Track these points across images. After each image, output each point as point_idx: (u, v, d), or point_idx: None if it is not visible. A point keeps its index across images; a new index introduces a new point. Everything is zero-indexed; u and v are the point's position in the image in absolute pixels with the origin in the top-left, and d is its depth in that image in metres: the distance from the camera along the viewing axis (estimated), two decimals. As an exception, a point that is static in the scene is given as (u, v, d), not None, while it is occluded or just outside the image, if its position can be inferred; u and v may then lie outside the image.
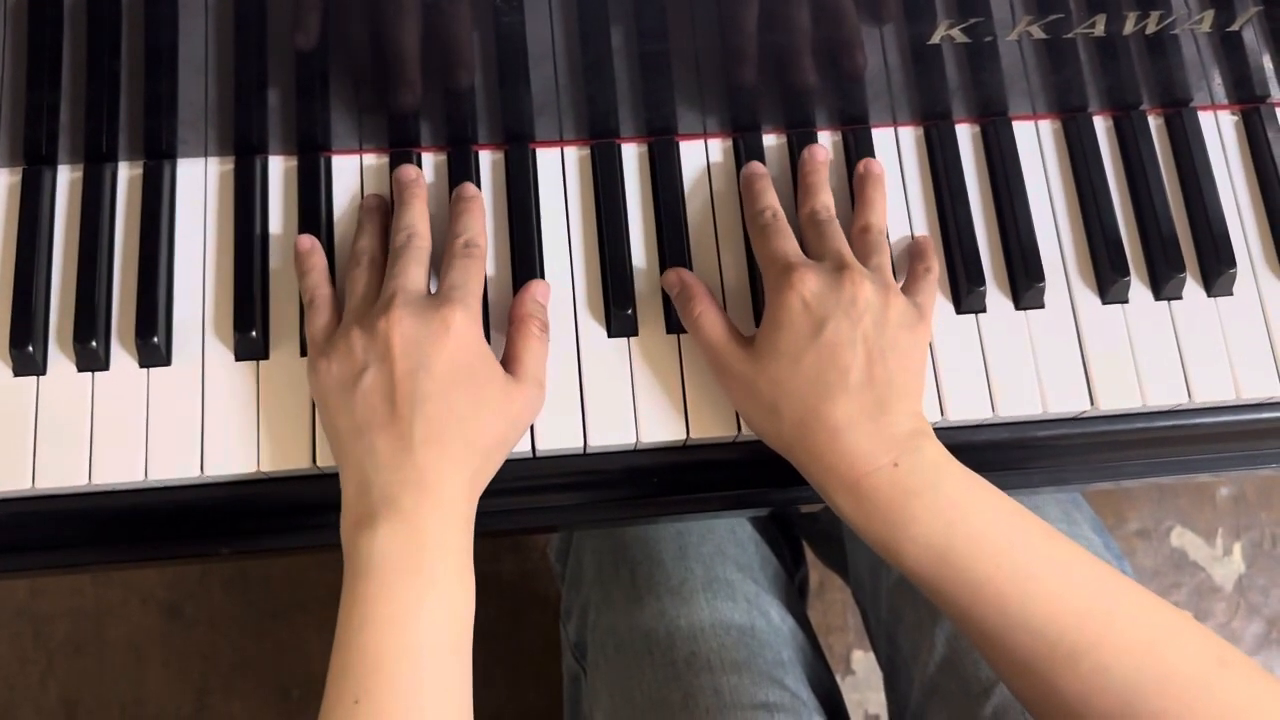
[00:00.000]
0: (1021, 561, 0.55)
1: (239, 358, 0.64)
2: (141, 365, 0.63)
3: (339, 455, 0.58)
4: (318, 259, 0.64)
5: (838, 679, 1.39)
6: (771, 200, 0.66)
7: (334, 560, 0.57)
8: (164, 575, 1.39)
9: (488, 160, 0.68)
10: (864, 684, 1.41)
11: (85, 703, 1.36)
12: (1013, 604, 0.54)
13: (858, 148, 0.69)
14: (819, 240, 0.63)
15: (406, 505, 0.54)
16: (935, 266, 0.65)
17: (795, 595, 0.86)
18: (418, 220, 0.63)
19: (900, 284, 0.65)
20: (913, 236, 0.68)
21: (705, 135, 0.69)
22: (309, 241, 0.65)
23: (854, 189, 0.68)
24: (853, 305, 0.59)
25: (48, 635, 1.38)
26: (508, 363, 0.61)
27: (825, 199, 0.66)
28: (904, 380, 0.59)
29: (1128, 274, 0.67)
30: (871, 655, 1.35)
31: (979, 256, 0.67)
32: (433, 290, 0.63)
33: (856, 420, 0.57)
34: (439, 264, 0.63)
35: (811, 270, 0.60)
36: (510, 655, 1.36)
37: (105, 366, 0.63)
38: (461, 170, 0.67)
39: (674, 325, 0.65)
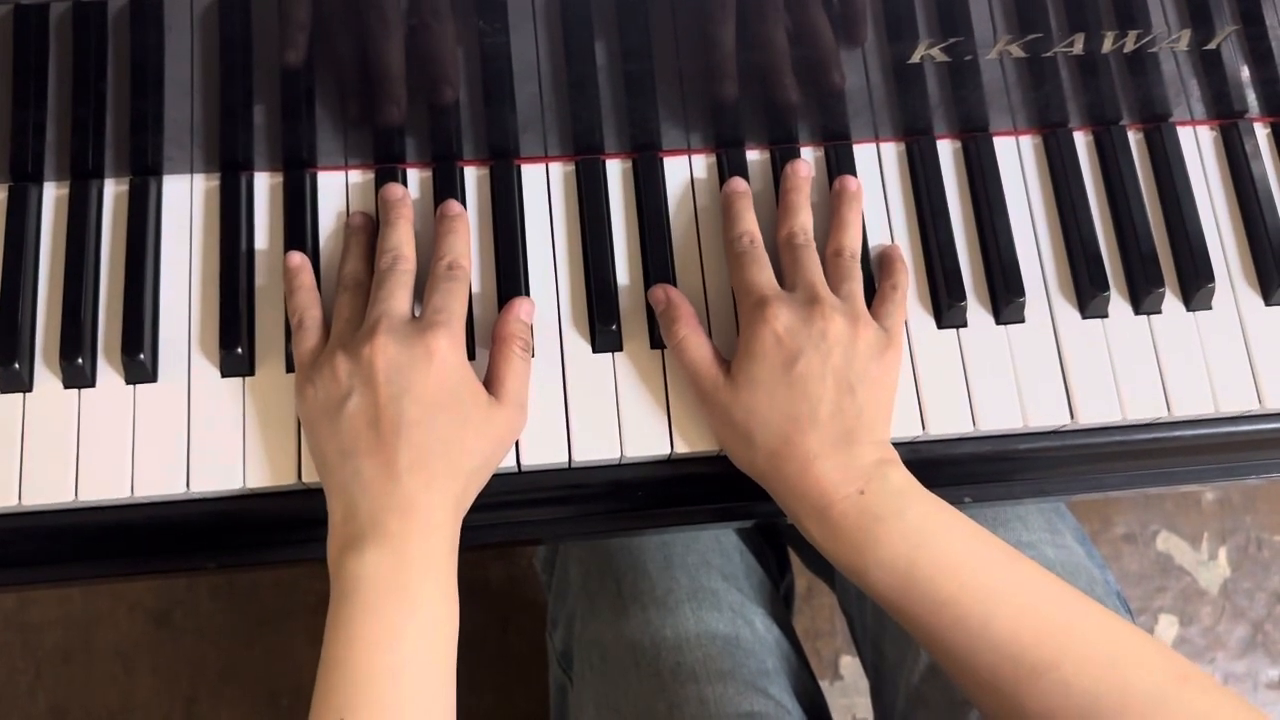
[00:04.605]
0: (984, 582, 0.56)
1: (224, 374, 0.64)
2: (128, 382, 0.64)
3: (325, 478, 0.59)
4: (306, 277, 0.65)
5: (826, 684, 1.40)
6: (749, 224, 0.66)
7: (322, 570, 0.57)
8: (152, 584, 1.39)
9: (473, 176, 0.69)
10: (852, 689, 1.41)
11: (74, 711, 1.36)
12: (976, 623, 0.55)
13: (839, 163, 0.70)
14: (794, 267, 0.64)
15: (392, 529, 0.55)
16: (901, 284, 0.66)
17: (780, 604, 0.86)
18: (403, 242, 0.64)
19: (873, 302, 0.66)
20: (882, 250, 0.68)
21: (689, 151, 0.70)
22: (299, 258, 0.65)
23: (831, 206, 0.69)
24: (823, 339, 0.60)
25: (36, 644, 1.38)
26: (490, 383, 0.61)
27: (804, 220, 0.66)
28: (872, 411, 0.60)
29: (1107, 288, 0.67)
30: (859, 661, 1.36)
31: (960, 272, 0.67)
32: (417, 310, 0.63)
33: (826, 451, 0.58)
34: (424, 279, 0.64)
35: (784, 304, 0.61)
36: (498, 662, 1.36)
37: (91, 383, 0.63)
38: (446, 186, 0.67)
39: (658, 340, 0.66)
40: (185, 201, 0.67)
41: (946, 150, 0.71)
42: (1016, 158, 0.71)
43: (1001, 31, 0.63)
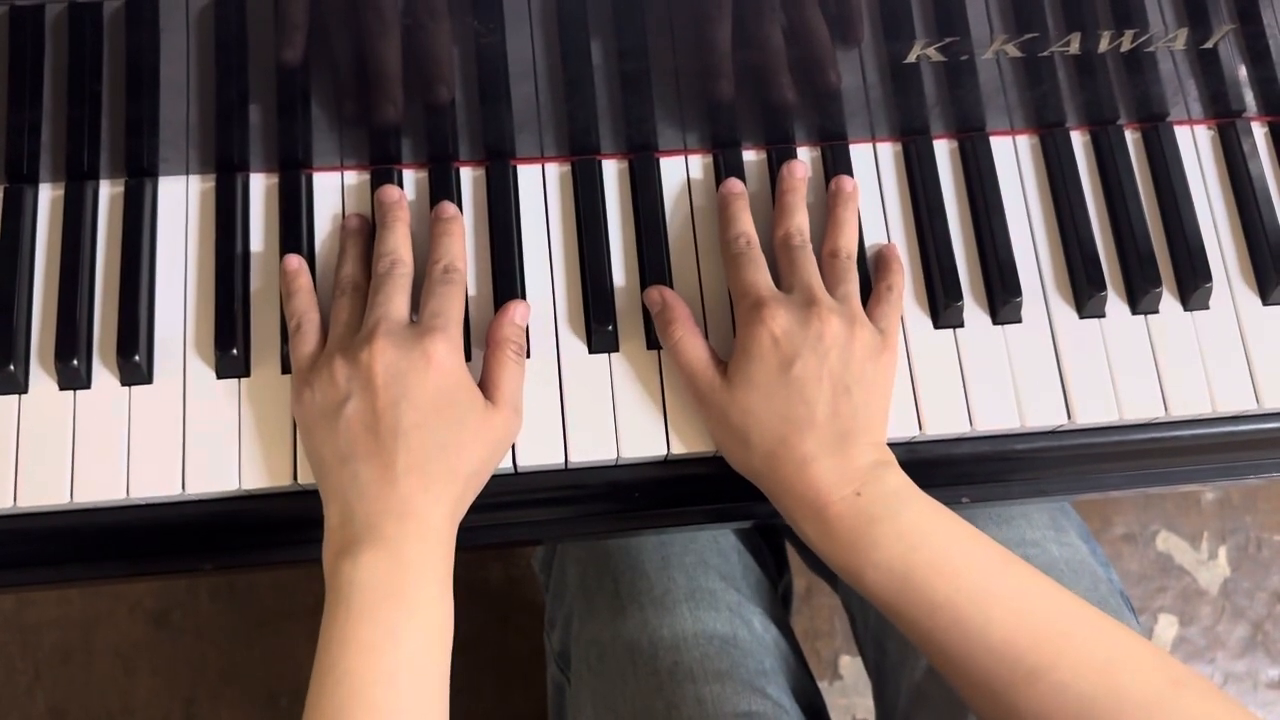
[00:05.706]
0: (980, 584, 0.56)
1: (220, 376, 0.64)
2: (123, 383, 0.64)
3: (322, 482, 0.59)
4: (304, 280, 0.65)
5: (825, 684, 1.40)
6: (746, 225, 0.66)
7: (321, 571, 0.57)
8: (151, 584, 1.39)
9: (469, 177, 0.69)
10: (851, 689, 1.41)
11: (73, 712, 1.36)
12: (971, 625, 0.55)
13: (836, 163, 0.69)
14: (790, 269, 0.64)
15: (389, 534, 0.55)
16: (897, 285, 0.66)
17: (778, 604, 0.86)
18: (400, 245, 0.64)
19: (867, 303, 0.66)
20: (878, 251, 0.68)
21: (685, 151, 0.70)
22: (296, 261, 0.65)
23: (827, 207, 0.68)
24: (819, 341, 0.60)
25: (35, 644, 1.38)
26: (485, 387, 0.61)
27: (800, 221, 0.66)
28: (868, 413, 0.60)
29: (1104, 288, 0.67)
30: (859, 661, 1.36)
31: (956, 272, 0.67)
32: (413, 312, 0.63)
33: (823, 453, 0.58)
34: (421, 280, 0.64)
35: (781, 306, 0.61)
36: (497, 662, 1.36)
37: (87, 385, 0.63)
38: (442, 187, 0.67)
39: (654, 341, 0.66)
40: (180, 203, 0.67)
41: (943, 150, 0.71)
42: (1014, 157, 0.71)
43: (998, 31, 0.62)
